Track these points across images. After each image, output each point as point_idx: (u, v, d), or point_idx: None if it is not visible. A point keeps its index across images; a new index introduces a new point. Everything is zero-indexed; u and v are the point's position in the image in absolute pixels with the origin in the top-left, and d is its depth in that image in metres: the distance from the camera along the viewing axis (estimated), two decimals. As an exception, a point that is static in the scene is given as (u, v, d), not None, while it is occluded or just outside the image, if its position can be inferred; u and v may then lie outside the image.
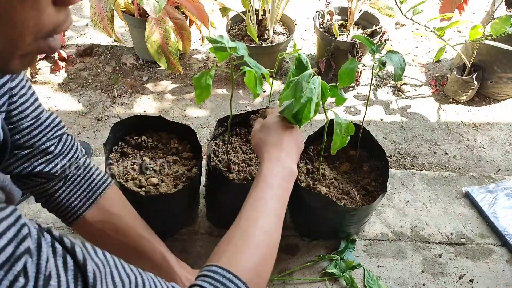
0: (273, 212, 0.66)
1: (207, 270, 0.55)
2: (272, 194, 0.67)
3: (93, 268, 0.41)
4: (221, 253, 0.59)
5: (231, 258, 0.57)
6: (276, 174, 0.70)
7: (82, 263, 0.40)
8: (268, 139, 0.76)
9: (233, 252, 0.59)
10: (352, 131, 0.88)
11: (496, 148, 1.59)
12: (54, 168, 0.73)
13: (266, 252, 0.62)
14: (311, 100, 0.74)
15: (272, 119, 0.79)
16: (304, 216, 1.12)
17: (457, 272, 1.11)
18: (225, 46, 0.74)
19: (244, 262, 0.57)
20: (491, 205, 1.25)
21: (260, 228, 0.63)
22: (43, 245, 0.38)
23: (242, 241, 0.60)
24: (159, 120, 1.09)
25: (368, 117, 1.68)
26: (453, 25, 1.58)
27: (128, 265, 0.48)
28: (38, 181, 0.73)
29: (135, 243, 0.81)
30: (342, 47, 1.70)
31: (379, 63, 0.87)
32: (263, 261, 0.61)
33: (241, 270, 0.56)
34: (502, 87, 1.74)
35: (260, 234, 0.62)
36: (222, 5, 1.72)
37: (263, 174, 0.70)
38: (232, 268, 0.55)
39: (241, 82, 1.82)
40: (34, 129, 0.69)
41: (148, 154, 1.08)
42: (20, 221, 0.36)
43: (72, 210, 0.76)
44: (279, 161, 0.72)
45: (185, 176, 1.02)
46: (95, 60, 1.90)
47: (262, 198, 0.67)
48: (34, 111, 0.68)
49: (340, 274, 1.05)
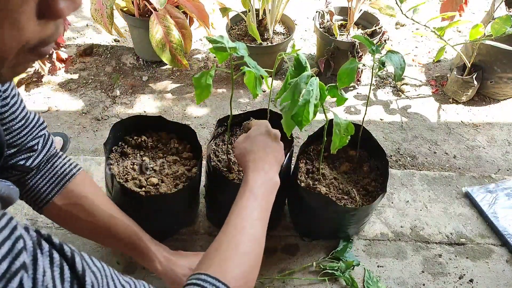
0: (258, 221, 0.68)
1: (196, 279, 0.55)
2: (257, 204, 0.70)
3: (92, 280, 0.41)
4: (210, 261, 0.60)
5: (220, 266, 0.58)
6: (261, 185, 0.73)
7: (81, 274, 0.40)
8: (253, 150, 0.78)
9: (222, 260, 0.60)
10: (352, 131, 0.87)
11: (496, 148, 1.59)
12: (33, 162, 0.75)
13: (253, 260, 0.63)
14: (308, 102, 0.74)
15: (256, 131, 0.82)
16: (304, 216, 1.12)
17: (457, 272, 1.11)
18: (225, 46, 0.74)
19: (233, 270, 0.58)
20: (491, 205, 1.25)
21: (247, 236, 0.64)
22: (39, 257, 0.37)
23: (231, 249, 0.62)
24: (159, 120, 1.09)
25: (368, 117, 1.68)
26: (453, 25, 1.58)
27: (121, 274, 0.48)
28: (15, 173, 0.75)
29: (107, 224, 0.82)
30: (342, 47, 1.70)
31: (379, 63, 0.87)
32: (251, 268, 0.62)
33: (230, 278, 0.56)
34: (502, 87, 1.74)
35: (248, 242, 0.64)
36: (222, 5, 1.72)
37: (249, 184, 0.72)
38: (221, 276, 0.56)
39: (241, 82, 1.82)
40: (23, 129, 0.71)
41: (148, 154, 1.08)
42: (16, 233, 0.35)
43: (41, 196, 0.78)
44: (264, 172, 0.75)
45: (185, 176, 1.02)
46: (95, 60, 1.90)
47: (248, 207, 0.69)
48: (23, 111, 0.70)
49: (340, 274, 1.06)
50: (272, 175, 0.76)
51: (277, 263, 1.10)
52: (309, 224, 1.14)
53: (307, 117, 0.75)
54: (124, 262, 1.08)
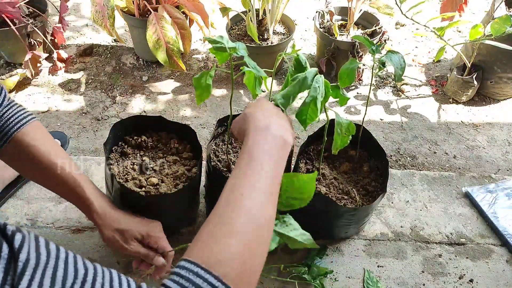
0: (261, 190, 0.56)
1: (176, 266, 0.49)
2: (260, 169, 0.57)
3: (28, 257, 0.39)
4: (193, 245, 0.51)
5: (203, 250, 0.49)
6: (263, 145, 0.60)
7: (17, 251, 0.39)
8: (256, 112, 0.65)
9: (206, 242, 0.51)
10: (353, 130, 0.87)
11: (496, 148, 1.59)
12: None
13: (252, 239, 0.52)
14: (316, 99, 0.72)
15: (258, 100, 0.72)
16: (304, 217, 1.12)
17: (457, 272, 1.11)
18: (225, 46, 0.74)
19: (218, 252, 0.49)
20: (491, 205, 1.25)
21: (243, 212, 0.53)
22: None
23: (218, 228, 0.52)
24: (159, 120, 1.09)
25: (368, 117, 1.68)
26: (453, 25, 1.58)
27: (86, 261, 0.45)
28: None
29: (52, 167, 0.82)
30: (342, 47, 1.70)
31: (379, 63, 0.87)
32: (249, 249, 0.51)
33: (215, 263, 0.47)
34: (502, 87, 1.74)
35: (243, 218, 0.52)
36: (222, 5, 1.72)
37: (247, 146, 0.60)
38: (203, 261, 0.47)
39: (241, 82, 1.82)
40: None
41: (148, 154, 1.08)
42: None
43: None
44: (268, 130, 0.62)
45: (185, 176, 1.02)
46: (95, 60, 1.90)
47: (246, 175, 0.57)
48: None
49: (310, 280, 1.05)
50: (281, 132, 0.62)
51: (277, 263, 1.10)
52: (309, 224, 1.14)
53: (312, 115, 0.73)
54: (124, 262, 1.08)
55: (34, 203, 1.21)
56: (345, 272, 1.09)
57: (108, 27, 1.53)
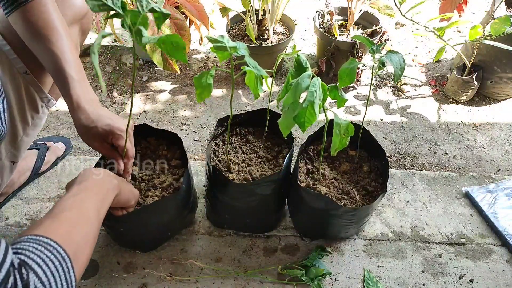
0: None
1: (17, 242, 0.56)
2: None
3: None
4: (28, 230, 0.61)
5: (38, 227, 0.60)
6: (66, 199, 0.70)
7: None
8: (73, 182, 0.77)
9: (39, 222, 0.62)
10: (352, 131, 0.87)
11: (496, 148, 1.59)
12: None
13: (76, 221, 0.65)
14: (313, 103, 0.73)
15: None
16: (304, 216, 1.12)
17: (457, 272, 1.11)
18: (225, 45, 0.74)
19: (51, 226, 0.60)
20: (491, 205, 1.25)
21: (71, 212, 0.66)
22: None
23: (46, 217, 0.63)
24: (144, 127, 1.08)
25: (368, 117, 1.68)
26: (453, 25, 1.58)
27: None
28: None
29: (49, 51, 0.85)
30: (342, 47, 1.70)
31: (379, 63, 0.87)
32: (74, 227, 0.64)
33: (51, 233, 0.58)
34: (502, 87, 1.74)
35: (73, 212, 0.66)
36: (222, 5, 1.72)
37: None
38: (40, 232, 0.58)
39: (241, 82, 1.82)
40: None
41: (137, 163, 1.07)
42: None
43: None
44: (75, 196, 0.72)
45: (172, 187, 1.02)
46: (95, 60, 1.90)
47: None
48: None
49: (308, 281, 1.05)
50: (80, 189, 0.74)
51: (277, 263, 1.10)
52: (309, 224, 1.14)
53: (309, 119, 0.74)
54: (124, 262, 1.08)
55: (34, 203, 1.21)
56: (345, 272, 1.09)
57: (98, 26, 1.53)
